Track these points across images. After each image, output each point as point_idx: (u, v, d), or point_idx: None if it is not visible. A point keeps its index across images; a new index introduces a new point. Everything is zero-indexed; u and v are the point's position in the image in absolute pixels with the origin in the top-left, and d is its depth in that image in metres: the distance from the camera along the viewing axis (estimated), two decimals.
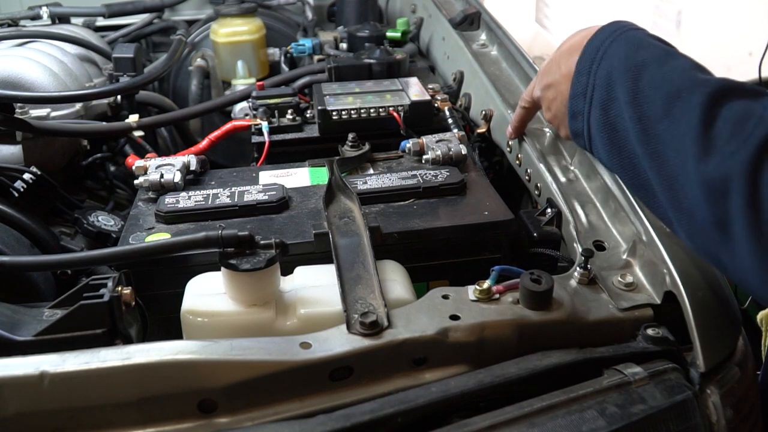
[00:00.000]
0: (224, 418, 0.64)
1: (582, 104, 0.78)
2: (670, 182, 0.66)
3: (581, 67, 0.79)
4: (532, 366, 0.68)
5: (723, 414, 0.69)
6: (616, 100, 0.73)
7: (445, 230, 0.91)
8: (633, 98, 0.71)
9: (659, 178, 0.68)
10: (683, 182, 0.64)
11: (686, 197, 0.64)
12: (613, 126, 0.74)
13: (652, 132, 0.68)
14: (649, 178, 0.69)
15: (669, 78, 0.69)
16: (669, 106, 0.66)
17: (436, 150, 1.06)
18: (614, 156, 0.75)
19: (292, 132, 1.21)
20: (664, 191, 0.67)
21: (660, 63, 0.71)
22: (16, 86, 1.28)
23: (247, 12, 1.79)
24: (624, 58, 0.74)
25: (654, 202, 0.71)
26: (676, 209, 0.66)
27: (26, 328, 0.71)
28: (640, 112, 0.70)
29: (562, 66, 0.84)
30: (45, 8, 1.80)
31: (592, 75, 0.77)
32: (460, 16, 1.45)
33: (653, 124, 0.68)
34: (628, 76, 0.72)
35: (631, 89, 0.71)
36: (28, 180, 1.10)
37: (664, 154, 0.66)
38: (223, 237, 0.75)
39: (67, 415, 0.62)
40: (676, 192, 0.65)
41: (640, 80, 0.71)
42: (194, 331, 0.77)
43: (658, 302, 0.75)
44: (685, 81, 0.67)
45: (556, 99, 0.86)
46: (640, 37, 0.76)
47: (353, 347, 0.67)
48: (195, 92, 1.79)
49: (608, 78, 0.75)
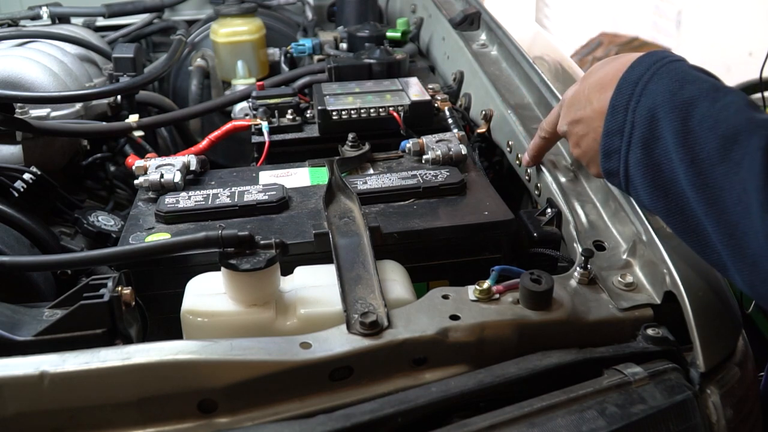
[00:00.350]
0: (224, 418, 0.64)
1: (618, 143, 0.72)
2: (731, 231, 0.61)
3: (617, 103, 0.72)
4: (532, 366, 0.68)
5: (723, 414, 0.69)
6: (662, 140, 0.67)
7: (445, 230, 0.91)
8: (683, 139, 0.65)
9: (717, 226, 0.63)
10: (746, 231, 0.59)
11: (749, 247, 0.59)
12: (658, 167, 0.68)
13: (706, 176, 0.63)
14: (702, 224, 0.64)
15: (723, 117, 0.63)
16: (726, 150, 0.61)
17: (436, 150, 1.06)
18: (659, 198, 0.69)
19: (292, 132, 1.21)
20: (723, 239, 0.62)
21: (711, 100, 0.65)
22: (16, 86, 1.28)
23: (247, 12, 1.79)
24: (669, 94, 0.67)
25: (707, 248, 0.66)
26: (737, 259, 0.62)
27: (26, 328, 0.71)
28: (692, 155, 0.64)
29: (593, 101, 0.78)
30: (45, 8, 1.80)
31: (631, 112, 0.71)
32: (460, 16, 1.45)
33: (708, 167, 0.62)
34: (675, 115, 0.66)
35: (679, 129, 0.65)
36: (28, 180, 1.10)
37: (722, 201, 0.61)
38: (223, 237, 0.75)
39: (67, 415, 0.62)
40: (738, 241, 0.61)
41: (689, 119, 0.65)
42: (194, 331, 0.77)
43: (658, 302, 0.75)
44: (741, 121, 0.62)
45: (587, 136, 0.80)
46: (683, 69, 0.70)
47: (353, 347, 0.67)
48: (195, 92, 1.79)
49: (651, 116, 0.68)
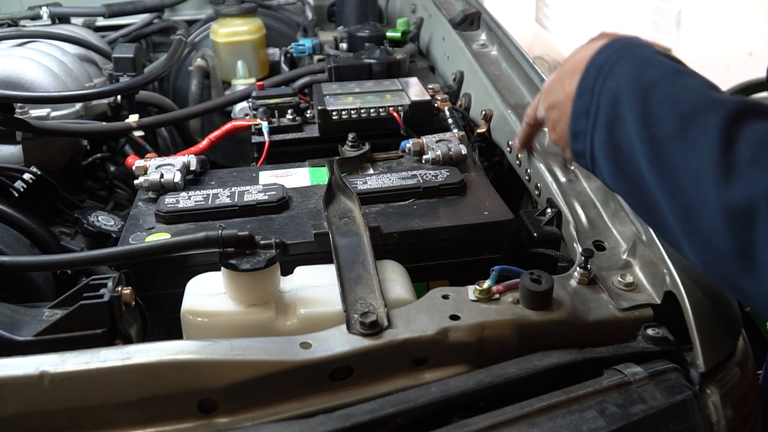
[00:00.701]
0: (224, 418, 0.64)
1: (585, 124, 0.74)
2: (684, 208, 0.62)
3: (584, 86, 0.75)
4: (532, 366, 0.68)
5: (723, 414, 0.69)
6: (623, 121, 0.69)
7: (445, 230, 0.91)
8: (642, 119, 0.67)
9: (671, 203, 0.64)
10: (699, 208, 0.60)
11: (703, 224, 0.60)
12: (619, 147, 0.70)
13: (663, 154, 0.64)
14: (659, 203, 0.66)
15: (681, 98, 0.65)
16: (683, 128, 0.63)
17: (436, 150, 1.06)
18: (619, 178, 0.71)
19: (292, 132, 1.21)
20: (677, 217, 0.64)
21: (671, 82, 0.67)
22: (16, 86, 1.28)
23: (247, 12, 1.79)
24: (631, 77, 0.70)
25: (663, 227, 0.67)
26: (691, 236, 0.63)
27: (26, 328, 0.71)
28: (650, 134, 0.66)
29: (565, 86, 0.80)
30: (45, 8, 1.80)
31: (596, 95, 0.73)
32: (460, 16, 1.45)
33: (665, 146, 0.64)
34: (636, 96, 0.68)
35: (640, 110, 0.67)
36: (28, 180, 1.10)
37: (678, 179, 0.63)
38: (223, 237, 0.75)
39: (67, 415, 0.62)
40: (692, 218, 0.62)
41: (649, 100, 0.67)
42: (194, 331, 0.77)
43: (658, 302, 0.75)
44: (699, 101, 0.63)
45: (560, 120, 0.82)
46: (647, 54, 0.72)
47: (353, 347, 0.67)
48: (195, 92, 1.79)
49: (614, 97, 0.70)
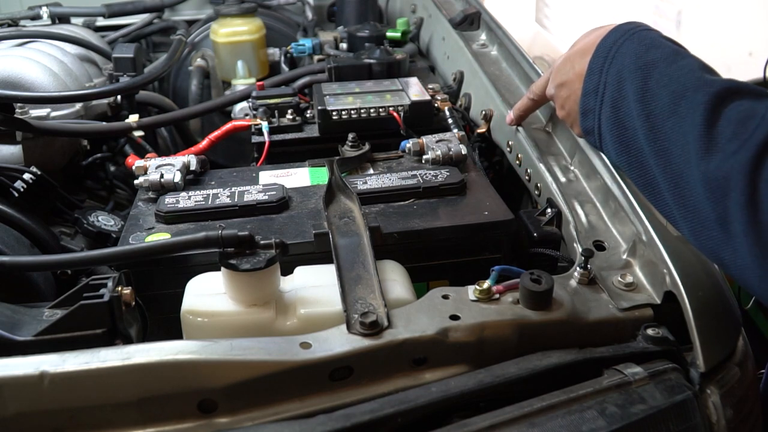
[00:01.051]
0: (224, 418, 0.64)
1: (594, 102, 0.80)
2: (676, 179, 0.67)
3: (593, 66, 0.80)
4: (532, 366, 0.68)
5: (723, 414, 0.69)
6: (626, 98, 0.74)
7: (445, 230, 0.91)
8: (642, 96, 0.72)
9: (665, 175, 0.69)
10: (688, 179, 0.65)
11: (690, 194, 0.65)
12: (623, 123, 0.75)
13: (658, 129, 0.69)
14: (656, 176, 0.70)
15: (676, 77, 0.70)
16: (675, 105, 0.68)
17: (436, 150, 1.06)
18: (623, 153, 0.76)
19: (292, 132, 1.21)
20: (670, 188, 0.68)
21: (669, 62, 0.72)
22: (16, 86, 1.28)
23: (247, 12, 1.79)
24: (635, 57, 0.75)
25: (660, 200, 0.71)
26: (681, 206, 0.67)
27: (26, 328, 0.71)
28: (648, 110, 0.71)
29: (575, 65, 0.85)
30: (45, 8, 1.80)
31: (604, 73, 0.78)
32: (460, 16, 1.45)
33: (660, 121, 0.69)
34: (637, 75, 0.73)
35: (640, 87, 0.72)
36: (28, 180, 1.10)
37: (670, 152, 0.68)
38: (223, 237, 0.75)
39: (67, 415, 0.62)
40: (681, 189, 0.66)
41: (649, 79, 0.72)
42: (194, 331, 0.77)
43: (658, 302, 0.75)
44: (691, 80, 0.68)
45: (569, 97, 0.88)
46: (652, 37, 0.77)
47: (353, 347, 0.67)
48: (195, 92, 1.79)
49: (619, 76, 0.76)
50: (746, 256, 0.59)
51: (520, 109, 1.06)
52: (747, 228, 0.58)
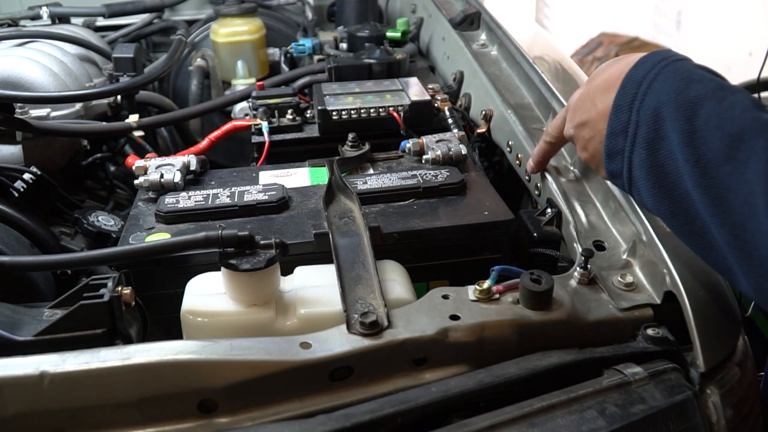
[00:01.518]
0: (224, 418, 0.64)
1: (622, 143, 0.71)
2: (737, 232, 0.60)
3: (621, 103, 0.71)
4: (532, 366, 0.68)
5: (723, 414, 0.69)
6: (667, 140, 0.66)
7: (445, 230, 0.91)
8: (688, 138, 0.64)
9: (722, 227, 0.62)
10: (753, 233, 0.58)
11: (756, 249, 0.58)
12: (662, 167, 0.67)
13: (712, 177, 0.62)
14: (707, 226, 0.63)
15: (729, 116, 0.62)
16: (732, 149, 0.60)
17: (436, 150, 1.06)
18: (662, 200, 0.68)
19: (292, 132, 1.21)
20: (728, 241, 0.61)
21: (717, 99, 0.64)
22: (16, 86, 1.28)
23: (247, 12, 1.79)
24: (674, 93, 0.66)
25: (712, 252, 0.65)
26: (744, 262, 0.61)
27: (26, 328, 0.71)
28: (697, 154, 0.63)
29: (597, 102, 0.77)
30: (45, 8, 1.80)
31: (635, 111, 0.70)
32: (460, 16, 1.45)
33: (714, 168, 0.61)
34: (680, 114, 0.65)
35: (684, 128, 0.64)
36: (28, 180, 1.10)
37: (728, 201, 0.60)
38: (223, 237, 0.75)
39: (67, 415, 0.62)
40: (744, 243, 0.60)
41: (696, 119, 0.64)
42: (194, 331, 0.77)
43: (658, 302, 0.75)
44: (748, 120, 0.61)
45: (593, 138, 0.79)
46: (688, 68, 0.69)
47: (353, 347, 0.67)
48: (195, 92, 1.79)
49: (656, 115, 0.67)
50: None
51: (538, 155, 0.97)
52: None
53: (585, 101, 0.80)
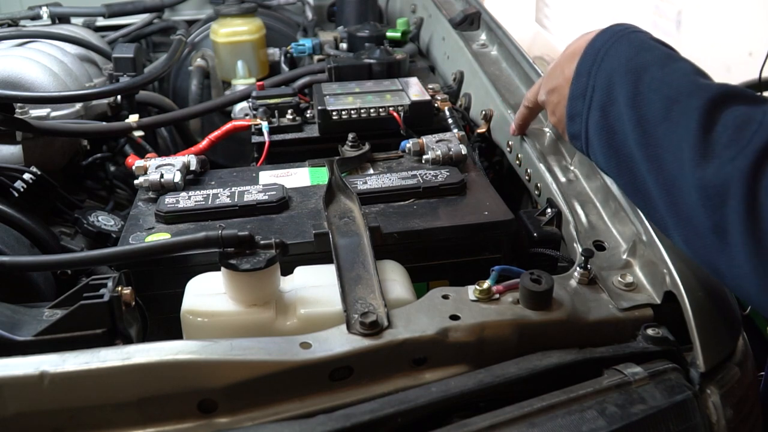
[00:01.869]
0: (224, 418, 0.64)
1: (581, 106, 0.77)
2: (668, 187, 0.65)
3: (581, 69, 0.78)
4: (532, 366, 0.68)
5: (723, 414, 0.69)
6: (616, 102, 0.72)
7: (445, 230, 0.91)
8: (633, 100, 0.69)
9: (657, 182, 0.66)
10: (681, 187, 0.63)
11: (684, 202, 0.63)
12: (612, 128, 0.73)
13: (650, 135, 0.67)
14: (647, 183, 0.68)
15: (669, 81, 0.68)
16: (668, 110, 0.66)
17: (436, 150, 1.06)
18: (611, 159, 0.74)
19: (292, 132, 1.21)
20: (662, 195, 0.66)
21: (661, 66, 0.70)
22: (16, 86, 1.28)
23: (247, 12, 1.79)
24: (625, 60, 0.73)
25: (651, 207, 0.70)
26: (674, 214, 0.65)
27: (26, 328, 0.71)
28: (639, 115, 0.68)
29: (565, 69, 0.83)
30: (45, 8, 1.80)
31: (592, 77, 0.76)
32: (460, 16, 1.45)
33: (652, 127, 0.67)
34: (628, 78, 0.71)
35: (630, 91, 0.70)
36: (28, 180, 1.10)
37: (663, 158, 0.65)
38: (223, 237, 0.75)
39: (67, 415, 0.62)
40: (674, 197, 0.64)
41: (640, 83, 0.70)
42: (194, 331, 0.77)
43: (658, 302, 0.75)
44: (685, 84, 0.66)
45: (559, 103, 0.85)
46: (642, 39, 0.75)
47: (353, 347, 0.67)
48: (195, 92, 1.79)
49: (608, 80, 0.73)
50: (744, 266, 0.58)
51: (518, 119, 1.04)
52: (746, 238, 0.57)
53: (555, 70, 0.86)
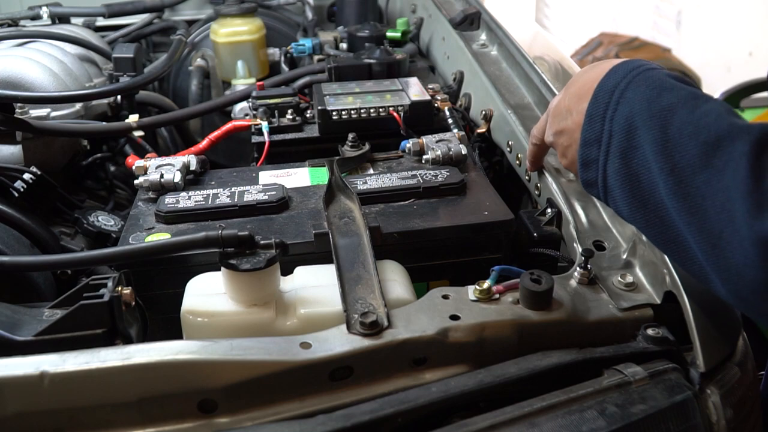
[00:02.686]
0: (224, 418, 0.64)
1: (596, 152, 0.71)
2: (713, 239, 0.60)
3: (593, 112, 0.71)
4: (532, 366, 0.68)
5: (723, 414, 0.69)
6: (640, 149, 0.66)
7: (445, 230, 0.91)
8: (662, 147, 0.63)
9: (698, 234, 0.61)
10: (730, 239, 0.58)
11: (734, 255, 0.58)
12: (636, 177, 0.67)
13: (687, 184, 0.61)
14: (683, 234, 0.63)
15: (704, 124, 0.61)
16: (708, 156, 0.60)
17: (436, 150, 1.06)
18: (638, 210, 0.68)
19: (292, 132, 1.21)
20: (705, 248, 0.61)
21: (690, 108, 0.63)
22: (16, 86, 1.28)
23: (247, 12, 1.79)
24: (646, 102, 0.66)
25: (688, 259, 0.64)
26: (720, 268, 0.60)
27: (26, 328, 0.71)
28: (672, 163, 0.62)
29: (573, 111, 0.77)
30: (45, 8, 1.80)
31: (608, 121, 0.70)
32: (460, 16, 1.45)
33: (689, 176, 0.61)
34: (653, 123, 0.65)
35: (658, 137, 0.64)
36: (28, 180, 1.10)
37: (704, 209, 0.60)
38: (223, 237, 0.75)
39: (67, 415, 0.62)
40: (722, 250, 0.59)
41: (669, 127, 0.64)
42: (194, 331, 0.77)
43: (658, 302, 0.75)
44: (723, 127, 0.60)
45: (570, 146, 0.79)
46: (660, 77, 0.69)
47: (353, 347, 0.67)
48: (195, 92, 1.79)
49: (629, 124, 0.67)
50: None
51: (530, 157, 0.98)
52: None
53: (561, 109, 0.80)
